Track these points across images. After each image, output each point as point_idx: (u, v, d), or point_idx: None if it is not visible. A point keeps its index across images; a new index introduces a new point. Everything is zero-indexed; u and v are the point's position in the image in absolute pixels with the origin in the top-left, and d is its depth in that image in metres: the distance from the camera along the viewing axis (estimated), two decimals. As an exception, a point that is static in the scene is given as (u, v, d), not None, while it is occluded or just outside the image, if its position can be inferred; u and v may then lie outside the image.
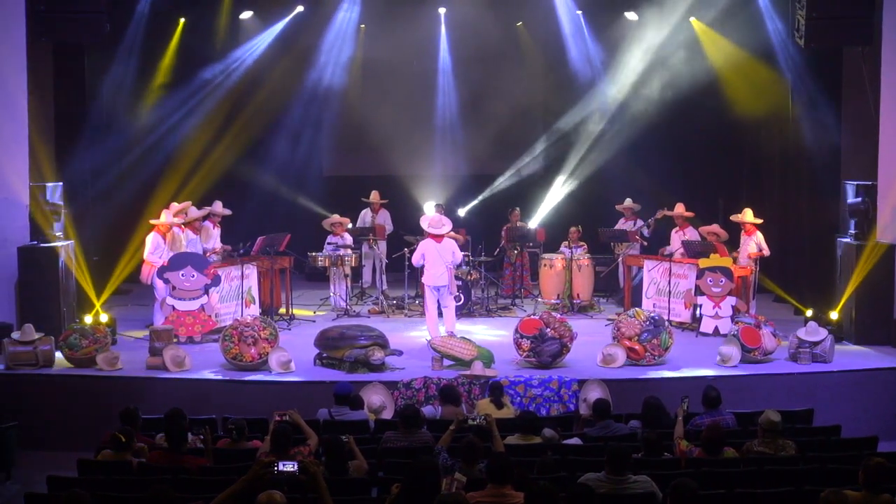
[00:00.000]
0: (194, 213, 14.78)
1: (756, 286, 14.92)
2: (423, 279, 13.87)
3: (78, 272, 14.02)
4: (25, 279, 13.43)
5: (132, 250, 14.91)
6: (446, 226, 13.94)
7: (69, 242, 13.99)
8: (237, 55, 18.54)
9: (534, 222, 18.08)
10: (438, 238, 13.67)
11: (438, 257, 13.59)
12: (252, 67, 18.54)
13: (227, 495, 6.31)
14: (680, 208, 15.78)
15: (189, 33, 17.97)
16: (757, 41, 16.91)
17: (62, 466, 9.01)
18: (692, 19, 18.04)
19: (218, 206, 15.34)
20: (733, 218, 15.05)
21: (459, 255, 14.00)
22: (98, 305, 14.02)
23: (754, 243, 14.55)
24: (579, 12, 18.61)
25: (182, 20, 17.81)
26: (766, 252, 14.60)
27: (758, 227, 14.66)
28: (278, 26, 18.50)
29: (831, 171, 14.86)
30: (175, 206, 14.51)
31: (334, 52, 18.98)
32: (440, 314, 13.84)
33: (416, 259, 13.93)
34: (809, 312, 13.60)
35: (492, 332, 14.32)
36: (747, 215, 14.74)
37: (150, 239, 13.99)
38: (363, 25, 18.90)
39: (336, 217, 16.29)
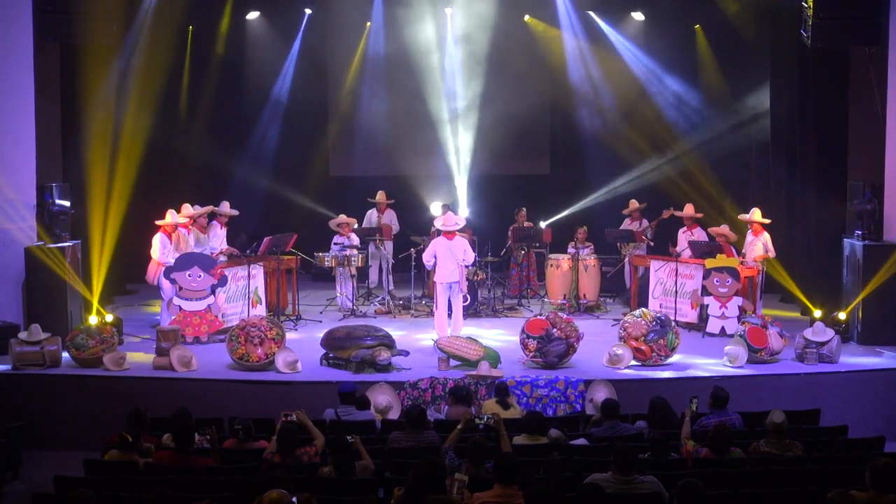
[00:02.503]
0: (199, 209, 14.80)
1: (763, 286, 14.89)
2: (435, 277, 13.87)
3: (74, 274, 13.94)
4: (32, 279, 13.42)
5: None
6: (459, 223, 14.01)
7: (76, 243, 14.00)
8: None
9: (543, 223, 18.05)
10: (450, 235, 13.70)
11: (450, 254, 13.63)
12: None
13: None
14: (690, 209, 15.75)
15: (197, 36, 18.07)
16: (761, 41, 16.97)
17: (69, 466, 9.03)
18: (697, 26, 18.14)
19: (225, 207, 15.33)
20: (741, 217, 15.03)
21: (472, 254, 14.02)
22: (95, 302, 13.90)
23: (761, 244, 14.51)
24: (591, 12, 18.68)
25: (191, 27, 17.92)
26: (772, 253, 14.56)
27: (765, 227, 14.64)
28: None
29: (838, 170, 14.83)
30: (187, 207, 14.52)
31: (340, 53, 19.03)
32: (449, 315, 13.85)
33: (426, 257, 13.93)
34: (818, 313, 13.57)
35: (501, 337, 14.32)
36: (755, 215, 14.71)
37: (157, 239, 14.00)
38: (368, 23, 18.91)
39: (342, 217, 16.29)
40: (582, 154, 19.45)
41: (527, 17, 19.17)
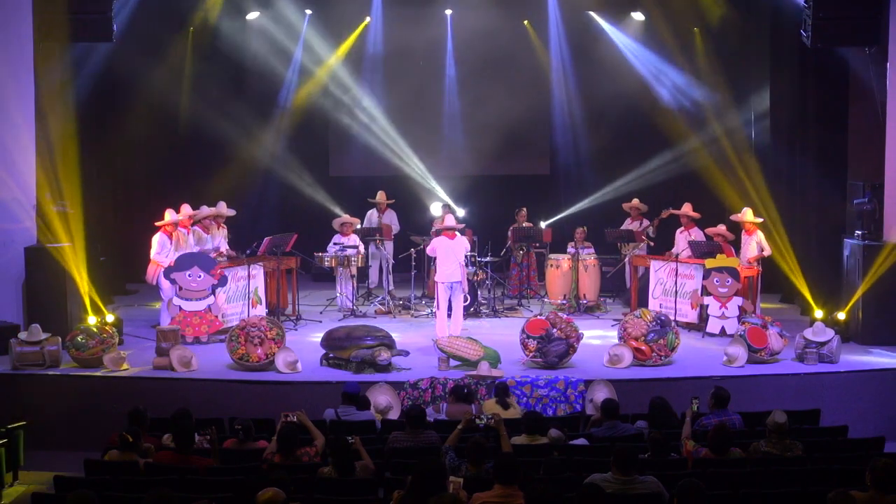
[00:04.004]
0: (203, 211, 14.77)
1: (760, 286, 14.88)
2: (436, 277, 13.90)
3: (79, 273, 13.91)
4: (32, 279, 13.44)
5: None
6: (456, 222, 14.20)
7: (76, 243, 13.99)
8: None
9: (543, 223, 18.04)
10: (452, 235, 13.75)
11: (451, 254, 13.68)
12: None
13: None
14: (687, 208, 15.72)
15: (198, 36, 18.09)
16: (761, 41, 16.99)
17: (69, 466, 9.04)
18: (696, 29, 18.16)
19: (222, 207, 15.29)
20: (733, 217, 15.04)
21: (468, 245, 14.18)
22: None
23: (755, 243, 14.53)
24: (592, 13, 18.73)
25: (191, 29, 17.92)
26: (768, 252, 14.57)
27: (759, 226, 14.65)
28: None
29: (838, 170, 14.84)
30: (186, 207, 14.50)
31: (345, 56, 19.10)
32: (449, 315, 13.86)
33: (429, 251, 14.13)
34: (819, 313, 13.55)
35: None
36: (747, 215, 14.72)
37: (156, 239, 13.99)
38: (368, 18, 18.91)
39: (346, 217, 16.30)
40: (582, 154, 19.44)
41: (526, 22, 19.23)
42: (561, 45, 19.05)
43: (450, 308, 13.90)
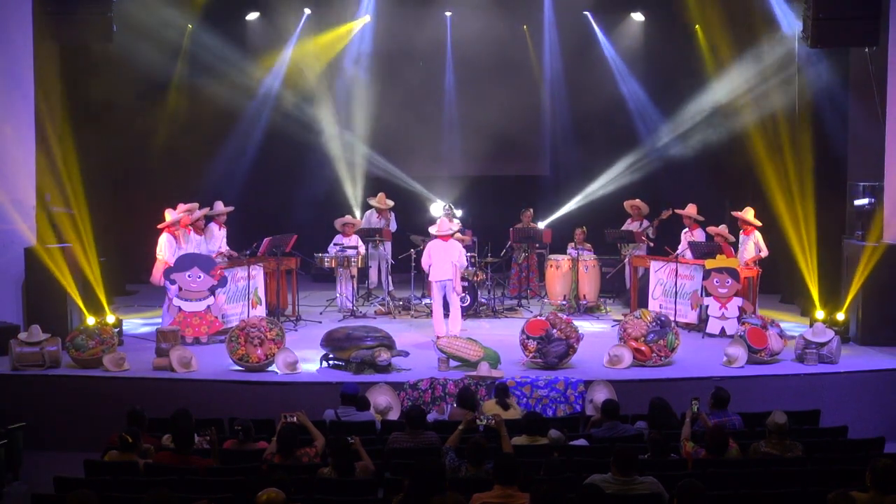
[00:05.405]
0: (196, 213, 14.73)
1: (758, 287, 14.88)
2: (430, 277, 13.94)
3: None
4: (32, 280, 13.44)
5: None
6: (453, 228, 14.22)
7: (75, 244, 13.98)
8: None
9: (541, 223, 18.05)
10: (445, 238, 13.84)
11: (444, 254, 13.77)
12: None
13: None
14: (692, 209, 15.69)
15: (195, 34, 18.06)
16: (764, 42, 16.98)
17: (69, 467, 9.02)
18: (696, 27, 18.15)
19: (219, 206, 15.21)
20: (735, 213, 15.05)
21: (465, 259, 14.16)
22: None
23: (752, 244, 14.54)
24: (587, 13, 18.77)
25: (189, 26, 17.90)
26: (765, 253, 14.59)
27: (758, 227, 14.65)
28: (292, 35, 18.70)
29: (838, 171, 14.83)
30: (182, 206, 14.49)
31: (341, 52, 19.06)
32: (446, 315, 13.88)
33: (424, 262, 14.08)
34: (819, 314, 13.56)
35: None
36: (748, 214, 14.74)
37: (164, 240, 13.93)
38: (367, 16, 18.91)
39: (348, 217, 16.30)
40: (581, 155, 19.45)
41: (525, 27, 19.28)
42: (559, 48, 19.09)
43: (446, 307, 13.93)
